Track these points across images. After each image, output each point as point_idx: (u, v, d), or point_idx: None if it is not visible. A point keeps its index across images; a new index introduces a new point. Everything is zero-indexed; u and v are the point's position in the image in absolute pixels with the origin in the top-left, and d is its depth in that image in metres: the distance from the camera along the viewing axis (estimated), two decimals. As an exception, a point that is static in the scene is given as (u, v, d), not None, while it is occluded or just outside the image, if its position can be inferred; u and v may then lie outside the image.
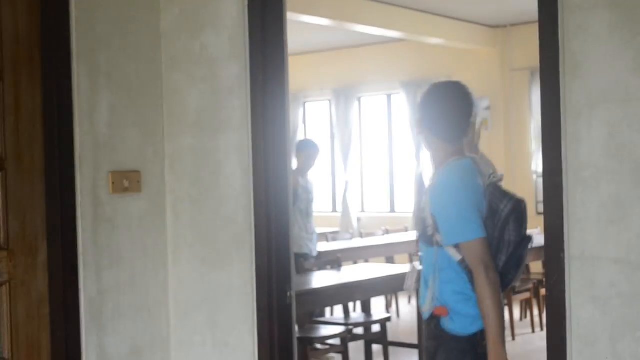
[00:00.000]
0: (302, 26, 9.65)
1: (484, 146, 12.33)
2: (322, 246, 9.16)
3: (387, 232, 10.61)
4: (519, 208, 3.04)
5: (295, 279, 6.42)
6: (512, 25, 11.02)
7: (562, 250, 2.78)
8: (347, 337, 6.47)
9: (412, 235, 10.33)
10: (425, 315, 3.22)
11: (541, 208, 4.33)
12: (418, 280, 3.38)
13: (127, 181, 3.74)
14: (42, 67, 3.55)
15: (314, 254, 7.76)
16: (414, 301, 9.20)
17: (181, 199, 3.88)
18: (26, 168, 3.52)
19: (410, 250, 9.73)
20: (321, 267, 7.51)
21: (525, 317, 8.83)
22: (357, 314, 7.56)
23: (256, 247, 3.63)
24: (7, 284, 3.47)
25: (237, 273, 3.70)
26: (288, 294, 3.65)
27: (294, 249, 6.97)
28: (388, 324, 7.04)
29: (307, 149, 7.76)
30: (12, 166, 3.49)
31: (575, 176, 2.77)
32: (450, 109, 3.20)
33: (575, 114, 2.78)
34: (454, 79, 12.16)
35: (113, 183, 3.69)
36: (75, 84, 3.58)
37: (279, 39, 3.66)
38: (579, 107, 2.77)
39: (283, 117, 3.67)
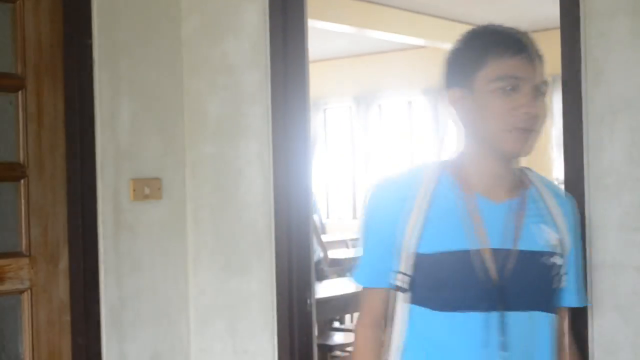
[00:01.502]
0: (322, 33, 9.66)
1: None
2: (343, 253, 9.17)
3: (407, 239, 10.56)
4: None
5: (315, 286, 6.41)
6: (533, 31, 10.91)
7: (584, 258, 2.76)
8: (368, 344, 6.44)
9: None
10: None
11: (563, 215, 4.32)
12: None
13: (147, 188, 3.75)
14: (64, 75, 3.57)
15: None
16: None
17: (202, 206, 3.88)
18: (48, 175, 3.54)
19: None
20: (341, 274, 7.51)
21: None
22: (377, 321, 7.53)
23: (276, 254, 3.63)
24: (29, 291, 3.49)
25: (257, 280, 3.70)
26: (308, 301, 3.64)
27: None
28: (408, 332, 7.01)
29: None
30: (34, 173, 3.51)
31: (597, 183, 2.75)
32: None
33: (597, 121, 2.76)
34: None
35: (134, 190, 3.70)
36: (96, 91, 3.60)
37: (300, 46, 3.66)
38: (601, 114, 2.75)
39: (304, 124, 3.67)
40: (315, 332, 3.90)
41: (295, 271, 3.62)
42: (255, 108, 3.70)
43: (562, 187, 2.72)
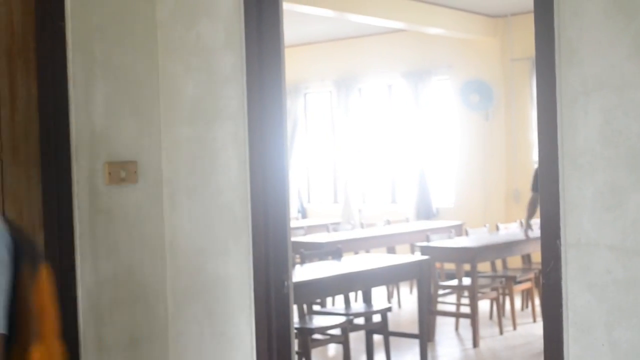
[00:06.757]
0: (302, 17, 9.64)
1: (485, 136, 12.27)
2: (324, 237, 9.18)
3: (388, 222, 10.62)
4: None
5: (296, 268, 6.41)
6: (513, 14, 10.98)
7: (559, 237, 2.77)
8: (348, 327, 6.46)
9: (413, 226, 10.35)
10: None
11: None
12: None
13: (123, 172, 3.73)
14: (37, 58, 3.54)
15: None
16: (415, 291, 9.18)
17: (178, 190, 3.87)
18: (22, 159, 3.52)
19: (411, 241, 9.73)
20: (322, 258, 7.51)
21: (527, 306, 8.83)
22: (358, 304, 7.56)
23: (253, 237, 3.62)
24: (4, 275, 3.47)
25: (234, 263, 3.69)
26: (285, 283, 3.64)
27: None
28: (389, 314, 7.05)
29: None
30: (8, 157, 3.48)
31: (571, 163, 2.76)
32: None
33: (571, 101, 2.76)
34: (455, 68, 12.24)
35: (109, 174, 3.68)
36: (70, 74, 3.57)
37: (275, 28, 3.64)
38: (574, 94, 2.76)
39: (280, 106, 3.66)
40: (294, 314, 3.90)
41: (272, 253, 3.61)
42: (230, 90, 3.68)
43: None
